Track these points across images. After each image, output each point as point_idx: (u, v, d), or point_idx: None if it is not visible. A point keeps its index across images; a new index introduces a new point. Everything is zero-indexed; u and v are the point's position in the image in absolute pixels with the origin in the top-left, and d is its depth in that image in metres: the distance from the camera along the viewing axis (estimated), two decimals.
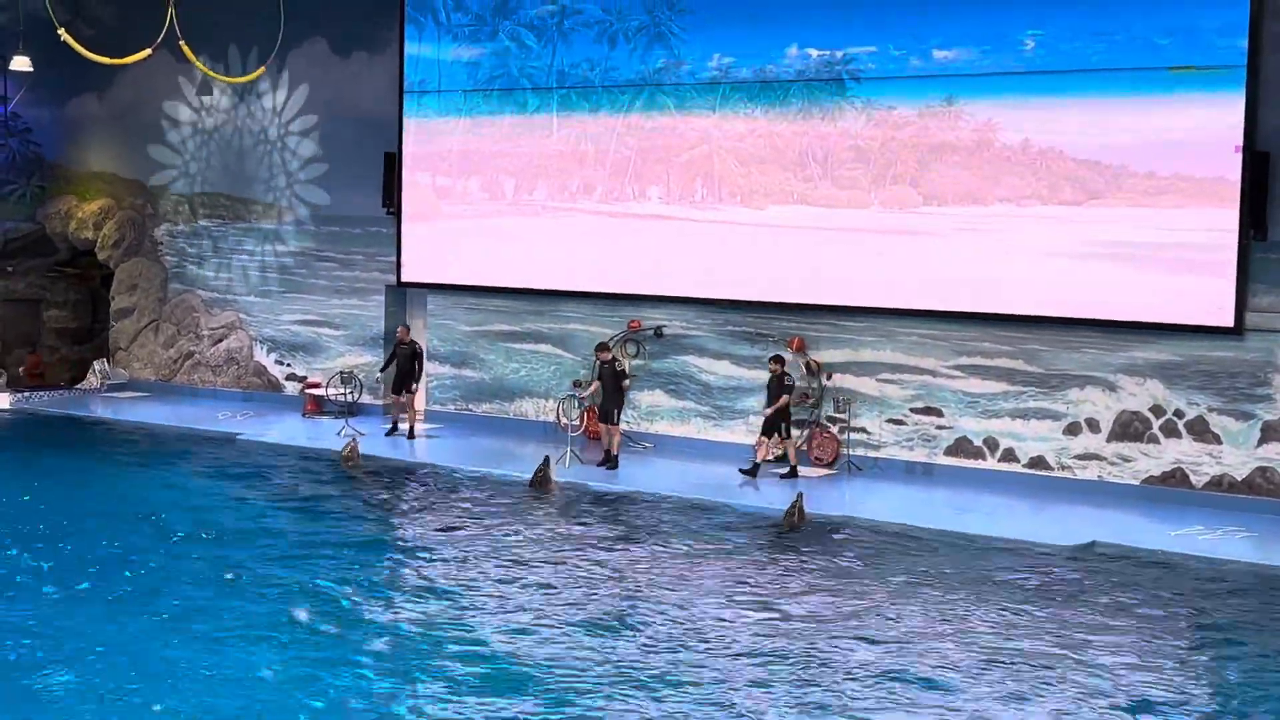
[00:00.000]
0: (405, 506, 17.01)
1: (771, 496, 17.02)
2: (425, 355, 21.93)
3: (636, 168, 20.83)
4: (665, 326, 20.61)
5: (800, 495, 16.19)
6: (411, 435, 20.94)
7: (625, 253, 20.85)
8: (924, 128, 18.59)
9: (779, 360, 18.38)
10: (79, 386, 26.18)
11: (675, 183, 20.48)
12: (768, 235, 19.71)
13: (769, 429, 18.28)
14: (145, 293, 26.17)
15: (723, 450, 19.63)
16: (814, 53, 19.27)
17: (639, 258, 20.71)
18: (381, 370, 22.05)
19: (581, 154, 21.25)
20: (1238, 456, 16.81)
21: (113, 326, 26.61)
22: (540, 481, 17.72)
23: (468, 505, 16.80)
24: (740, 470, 18.35)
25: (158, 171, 25.93)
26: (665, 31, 20.42)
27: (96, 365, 26.37)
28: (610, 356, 19.22)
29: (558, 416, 20.31)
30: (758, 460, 18.37)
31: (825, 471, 18.88)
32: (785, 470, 18.32)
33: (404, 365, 21.06)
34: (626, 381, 19.33)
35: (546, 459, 18.06)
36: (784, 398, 18.12)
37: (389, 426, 21.35)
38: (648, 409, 20.72)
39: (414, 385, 21.14)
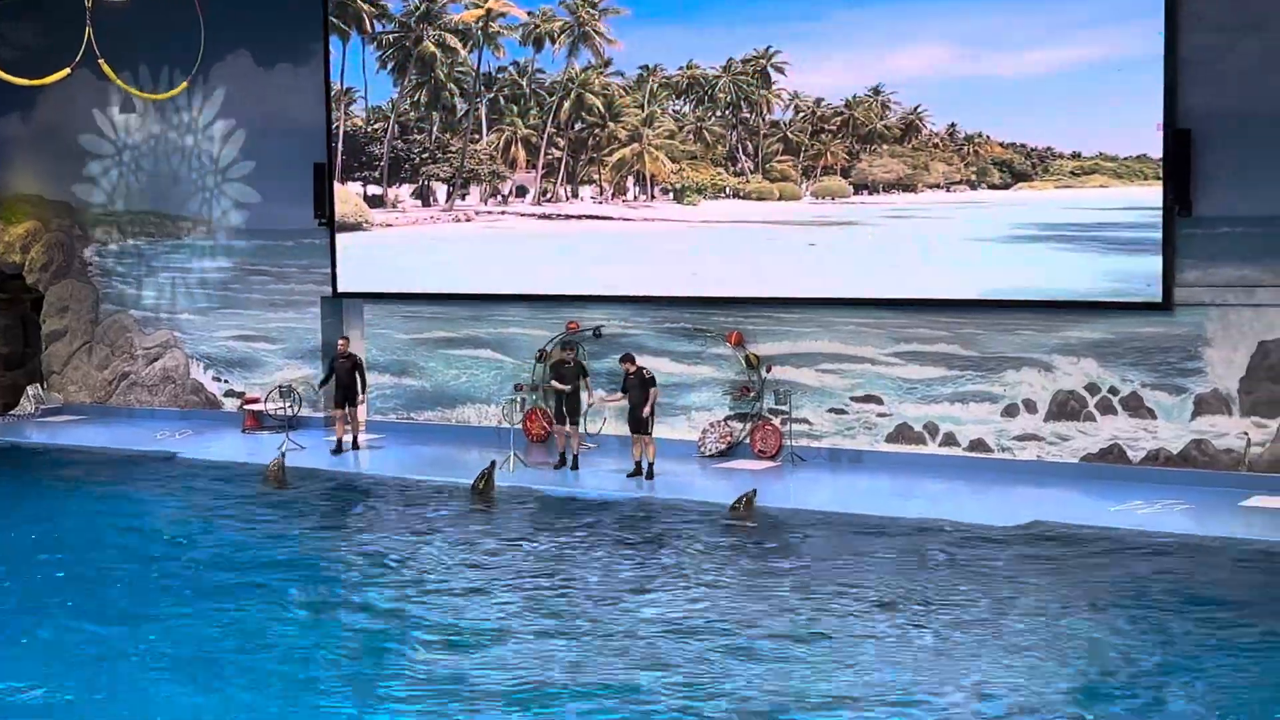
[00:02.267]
0: (344, 519, 16.99)
1: (721, 490, 17.13)
2: (365, 365, 21.76)
3: (568, 169, 20.87)
4: (604, 326, 20.67)
5: (754, 491, 16.36)
6: (355, 446, 20.71)
7: (561, 254, 20.89)
8: (852, 118, 18.76)
9: (630, 359, 18.42)
10: (13, 413, 25.87)
11: (608, 182, 20.55)
12: (702, 231, 19.82)
13: (647, 427, 18.26)
14: (76, 315, 25.92)
15: (665, 447, 19.70)
16: (739, 47, 19.38)
17: (575, 258, 20.76)
18: (320, 385, 21.74)
19: (512, 157, 21.27)
20: (1172, 430, 17.09)
21: (45, 350, 26.34)
22: (483, 487, 17.72)
23: (415, 515, 16.80)
24: (629, 475, 18.19)
25: (84, 191, 25.69)
26: (590, 32, 20.49)
27: (30, 390, 26.07)
28: (572, 357, 19.19)
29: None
30: (641, 459, 18.24)
31: (768, 464, 19.01)
32: (634, 470, 18.26)
33: (345, 378, 20.64)
34: (572, 384, 19.28)
35: (492, 463, 18.06)
36: (654, 390, 18.15)
37: (334, 445, 20.62)
38: (590, 409, 20.75)
39: (359, 398, 20.86)
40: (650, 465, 18.08)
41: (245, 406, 23.50)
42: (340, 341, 21.21)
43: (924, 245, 18.37)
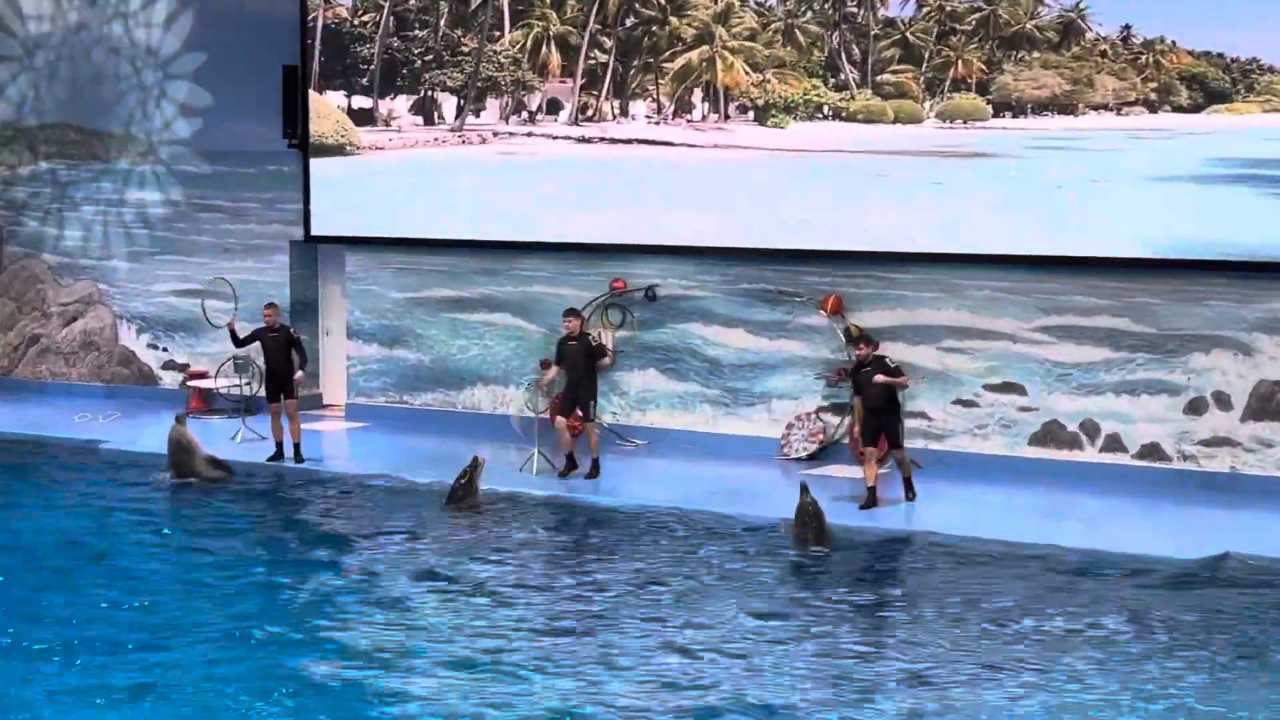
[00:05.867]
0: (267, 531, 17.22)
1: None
2: (346, 332, 21.73)
3: (616, 78, 20.89)
4: (658, 286, 20.71)
5: (808, 498, 16.04)
6: (298, 457, 19.75)
7: (604, 190, 20.96)
8: (993, 15, 18.68)
9: (866, 340, 17.86)
10: None
11: (667, 97, 20.54)
12: (791, 163, 19.82)
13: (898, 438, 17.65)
14: None
15: (737, 446, 19.74)
16: None
17: (623, 197, 20.81)
18: (238, 346, 20.37)
19: (544, 60, 21.30)
20: None
21: None
22: (460, 495, 17.58)
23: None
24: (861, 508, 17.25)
25: None
26: None
27: None
28: (579, 327, 19.20)
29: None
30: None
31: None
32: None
33: (277, 358, 19.70)
34: (605, 360, 19.33)
35: (474, 461, 17.87)
36: (902, 379, 17.53)
37: (273, 452, 19.94)
38: (639, 395, 20.80)
39: (296, 378, 19.74)
40: (907, 480, 17.53)
41: (190, 383, 23.69)
42: (266, 310, 20.16)
43: (1085, 186, 18.27)
